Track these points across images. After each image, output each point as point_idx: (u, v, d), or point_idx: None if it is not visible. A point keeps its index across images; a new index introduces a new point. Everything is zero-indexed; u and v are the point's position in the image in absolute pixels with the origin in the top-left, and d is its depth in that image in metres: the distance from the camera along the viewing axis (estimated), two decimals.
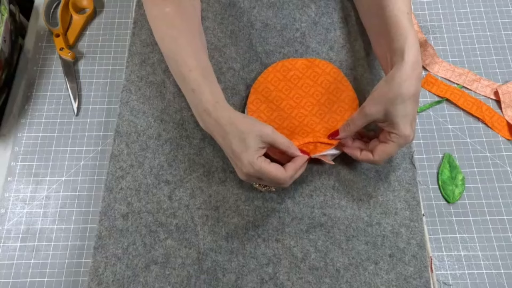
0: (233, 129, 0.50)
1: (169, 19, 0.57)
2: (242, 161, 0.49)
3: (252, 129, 0.49)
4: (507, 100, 0.63)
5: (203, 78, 0.54)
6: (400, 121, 0.48)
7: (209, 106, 0.52)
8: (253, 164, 0.48)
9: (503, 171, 0.60)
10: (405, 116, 0.48)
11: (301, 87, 0.60)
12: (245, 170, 0.49)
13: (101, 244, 0.54)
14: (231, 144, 0.49)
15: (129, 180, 0.57)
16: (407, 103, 0.48)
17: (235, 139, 0.49)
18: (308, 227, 0.55)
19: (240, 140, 0.49)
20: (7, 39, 0.64)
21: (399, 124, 0.49)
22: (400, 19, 0.51)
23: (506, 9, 0.71)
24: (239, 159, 0.49)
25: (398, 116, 0.48)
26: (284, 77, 0.61)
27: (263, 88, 0.60)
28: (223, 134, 0.50)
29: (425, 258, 0.53)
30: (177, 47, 0.55)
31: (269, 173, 0.48)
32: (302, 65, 0.61)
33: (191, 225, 0.55)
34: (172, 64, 0.57)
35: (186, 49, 0.55)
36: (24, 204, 0.59)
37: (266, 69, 0.62)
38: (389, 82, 0.49)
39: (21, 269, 0.56)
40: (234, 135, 0.49)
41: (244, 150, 0.49)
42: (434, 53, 0.67)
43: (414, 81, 0.48)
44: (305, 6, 0.68)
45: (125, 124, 0.61)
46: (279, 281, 0.52)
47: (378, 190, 0.57)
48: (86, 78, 0.67)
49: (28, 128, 0.64)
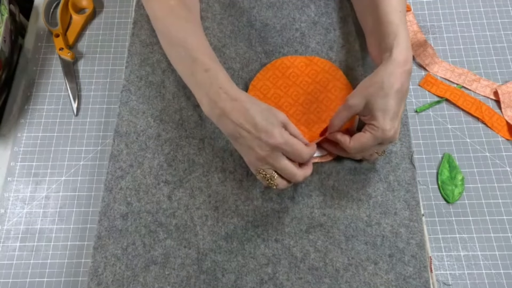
0: (254, 105, 0.49)
1: (175, 11, 0.57)
2: (271, 131, 0.47)
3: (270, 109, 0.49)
4: (506, 100, 0.63)
5: (214, 60, 0.54)
6: (379, 114, 0.48)
7: (226, 85, 0.50)
8: (283, 133, 0.47)
9: (503, 171, 0.60)
10: (385, 110, 0.48)
11: (299, 85, 0.60)
12: (272, 141, 0.47)
13: (100, 244, 0.54)
14: (254, 118, 0.48)
15: (129, 180, 0.57)
16: (388, 97, 0.48)
17: (258, 113, 0.48)
18: (307, 227, 0.55)
19: (264, 113, 0.48)
20: (7, 39, 0.64)
21: (377, 117, 0.49)
22: (392, 18, 0.52)
23: (506, 9, 0.71)
24: (266, 131, 0.47)
25: (377, 109, 0.48)
26: (283, 74, 0.61)
27: (261, 85, 0.60)
28: (243, 110, 0.48)
29: (425, 258, 0.53)
30: (186, 35, 0.55)
31: (295, 144, 0.47)
32: (301, 63, 0.62)
33: (191, 225, 0.55)
34: (180, 52, 0.56)
35: (195, 36, 0.56)
36: (23, 204, 0.59)
37: (265, 66, 0.62)
38: (373, 76, 0.50)
39: (20, 269, 0.56)
40: (256, 110, 0.48)
41: (271, 122, 0.47)
42: (434, 53, 0.67)
43: (399, 77, 0.48)
44: (304, 6, 0.68)
45: (124, 124, 0.61)
46: (279, 281, 0.52)
47: (378, 190, 0.57)
48: (85, 78, 0.67)
49: (28, 128, 0.64)
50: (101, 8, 0.73)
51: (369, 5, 0.57)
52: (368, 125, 0.50)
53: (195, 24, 0.58)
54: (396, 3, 0.53)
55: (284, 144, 0.47)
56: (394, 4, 0.53)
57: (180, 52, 0.56)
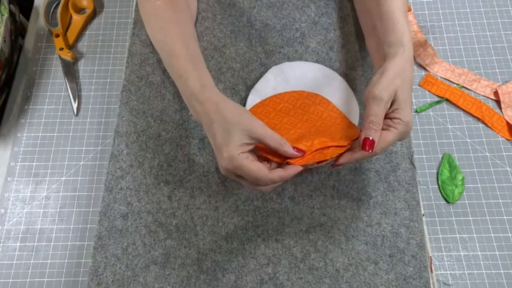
0: (219, 117, 0.47)
1: (159, 11, 0.57)
2: (222, 154, 0.45)
3: (240, 121, 0.46)
4: (506, 100, 0.63)
5: (191, 64, 0.52)
6: (405, 107, 0.47)
7: (195, 90, 0.50)
8: (233, 159, 0.45)
9: (503, 171, 0.60)
10: (408, 101, 0.48)
11: (293, 115, 0.57)
12: (223, 164, 0.46)
13: (100, 244, 0.54)
14: (215, 134, 0.46)
15: (129, 180, 0.57)
16: (410, 90, 0.49)
17: (220, 129, 0.46)
18: (307, 227, 0.55)
19: (225, 131, 0.46)
20: (7, 39, 0.64)
21: (404, 110, 0.47)
22: (397, 15, 0.52)
23: (506, 9, 0.71)
24: (220, 152, 0.46)
25: (403, 101, 0.47)
26: (274, 109, 0.58)
27: None
28: (209, 122, 0.47)
29: (425, 258, 0.53)
30: (166, 37, 0.55)
31: (249, 172, 0.45)
32: (291, 98, 0.60)
33: (191, 225, 0.55)
34: (162, 56, 0.57)
35: (175, 39, 0.55)
36: (24, 204, 0.59)
37: (254, 105, 0.59)
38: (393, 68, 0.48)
39: (21, 269, 0.56)
40: (219, 124, 0.46)
41: (226, 143, 0.45)
42: (434, 53, 0.67)
43: (411, 72, 0.49)
44: (304, 6, 0.68)
45: (124, 124, 0.61)
46: (279, 281, 0.52)
47: (378, 190, 0.57)
48: (86, 78, 0.67)
49: (28, 128, 0.64)
50: (101, 8, 0.73)
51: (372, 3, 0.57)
52: (393, 120, 0.48)
53: (177, 25, 0.57)
54: (400, 3, 0.53)
55: (236, 169, 0.45)
56: (399, 4, 0.53)
57: (162, 56, 0.57)
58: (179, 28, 0.57)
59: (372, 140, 0.47)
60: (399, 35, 0.51)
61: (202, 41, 0.66)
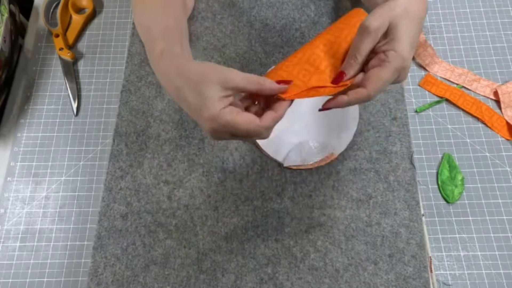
0: (184, 80, 0.42)
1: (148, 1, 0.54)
2: (203, 116, 0.40)
3: (207, 77, 0.41)
4: (506, 100, 0.63)
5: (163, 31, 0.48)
6: (402, 36, 0.41)
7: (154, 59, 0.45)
8: (217, 118, 0.40)
9: (503, 171, 0.60)
10: (408, 34, 0.42)
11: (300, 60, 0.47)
12: (208, 127, 0.41)
13: (100, 244, 0.54)
14: (186, 98, 0.42)
15: (129, 180, 0.57)
16: (413, 21, 0.42)
17: (189, 91, 0.41)
18: (307, 227, 0.55)
19: (195, 92, 0.41)
20: (7, 39, 0.64)
21: (400, 40, 0.41)
22: None
23: (506, 9, 0.70)
24: (199, 115, 0.41)
25: (402, 32, 0.41)
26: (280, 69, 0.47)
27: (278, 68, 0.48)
28: (175, 90, 0.43)
29: (425, 258, 0.53)
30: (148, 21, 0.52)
31: (238, 126, 0.40)
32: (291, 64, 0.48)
33: (191, 225, 0.55)
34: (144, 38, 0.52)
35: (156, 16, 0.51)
36: (23, 204, 0.59)
37: None
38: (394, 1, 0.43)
39: (20, 269, 0.56)
40: (187, 87, 0.42)
41: (203, 103, 0.40)
42: (434, 53, 0.67)
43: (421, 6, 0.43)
44: (304, 6, 0.68)
45: (124, 124, 0.61)
46: (279, 281, 0.52)
47: (378, 190, 0.57)
48: (85, 78, 0.67)
49: (28, 128, 0.64)
50: (101, 8, 0.73)
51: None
52: (386, 53, 0.42)
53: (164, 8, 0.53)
54: None
55: (224, 127, 0.41)
56: None
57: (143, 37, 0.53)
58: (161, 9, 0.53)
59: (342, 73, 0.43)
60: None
61: (202, 41, 0.66)
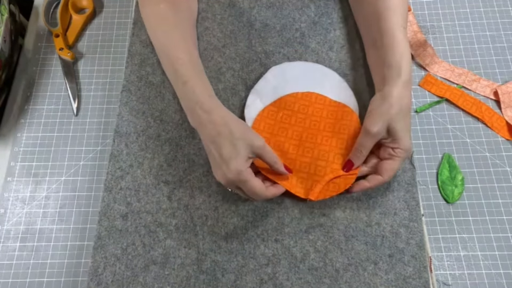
0: (226, 130, 0.48)
1: (162, 14, 0.58)
2: (230, 167, 0.47)
3: (245, 136, 0.48)
4: (506, 100, 0.63)
5: (195, 72, 0.54)
6: (403, 135, 0.50)
7: (202, 98, 0.51)
8: (240, 174, 0.47)
9: (503, 171, 0.60)
10: (406, 129, 0.51)
11: (295, 123, 0.57)
12: (230, 176, 0.48)
13: (100, 244, 0.54)
14: (221, 146, 0.48)
15: (129, 180, 0.57)
16: (407, 117, 0.51)
17: (226, 142, 0.48)
18: (307, 227, 0.55)
19: (232, 144, 0.48)
20: (7, 39, 0.64)
21: (402, 139, 0.50)
22: (397, 34, 0.53)
23: (506, 9, 0.70)
24: (227, 164, 0.47)
25: (401, 130, 0.50)
26: (274, 120, 0.58)
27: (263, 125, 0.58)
28: (215, 133, 0.49)
29: (425, 258, 0.53)
30: (169, 41, 0.56)
31: (252, 188, 0.48)
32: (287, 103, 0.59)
33: (191, 225, 0.55)
34: (163, 59, 0.57)
35: (178, 43, 0.56)
36: (23, 204, 0.59)
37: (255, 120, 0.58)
38: (388, 99, 0.51)
39: (20, 269, 0.56)
40: (225, 137, 0.48)
41: (234, 157, 0.47)
42: (434, 53, 0.67)
43: (408, 97, 0.51)
44: (304, 6, 0.68)
45: (124, 124, 0.61)
46: (278, 281, 0.52)
47: (378, 190, 0.57)
48: (85, 78, 0.67)
49: (28, 128, 0.64)
50: (101, 8, 0.73)
51: (372, 17, 0.57)
52: (393, 150, 0.51)
53: (180, 29, 0.58)
54: (400, 19, 0.54)
55: (241, 183, 0.48)
56: (399, 20, 0.54)
57: (163, 59, 0.57)
58: (182, 32, 0.58)
59: (351, 162, 0.53)
60: (398, 57, 0.52)
61: (202, 41, 0.66)
